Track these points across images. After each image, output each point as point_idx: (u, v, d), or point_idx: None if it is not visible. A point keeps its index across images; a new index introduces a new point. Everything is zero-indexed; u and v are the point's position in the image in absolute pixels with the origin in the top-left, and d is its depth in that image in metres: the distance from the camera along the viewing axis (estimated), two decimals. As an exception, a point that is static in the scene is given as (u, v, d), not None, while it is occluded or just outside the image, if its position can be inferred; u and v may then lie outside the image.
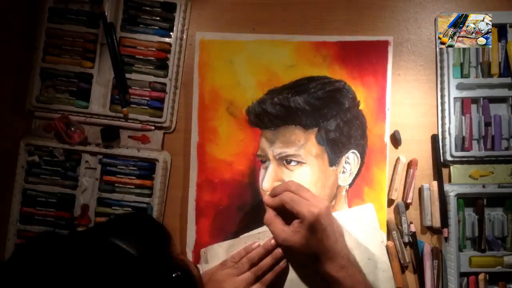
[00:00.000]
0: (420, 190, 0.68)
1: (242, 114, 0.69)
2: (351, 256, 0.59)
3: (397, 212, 0.68)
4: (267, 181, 0.67)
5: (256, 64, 0.70)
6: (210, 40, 0.70)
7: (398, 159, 0.68)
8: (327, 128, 0.68)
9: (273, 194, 0.62)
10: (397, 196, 0.68)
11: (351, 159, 0.68)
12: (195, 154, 0.69)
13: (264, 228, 0.66)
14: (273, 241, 0.62)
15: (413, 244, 0.66)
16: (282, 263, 0.62)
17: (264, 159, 0.68)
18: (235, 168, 0.69)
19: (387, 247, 0.65)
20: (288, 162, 0.67)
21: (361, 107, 0.69)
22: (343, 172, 0.68)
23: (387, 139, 0.68)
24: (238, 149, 0.69)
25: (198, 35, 0.70)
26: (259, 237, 0.65)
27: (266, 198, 0.64)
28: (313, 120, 0.68)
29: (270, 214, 0.62)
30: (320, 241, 0.57)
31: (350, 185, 0.68)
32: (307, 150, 0.67)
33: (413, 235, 0.66)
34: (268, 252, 0.62)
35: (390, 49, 0.69)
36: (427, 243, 0.67)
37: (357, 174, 0.68)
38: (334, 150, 0.68)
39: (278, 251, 0.62)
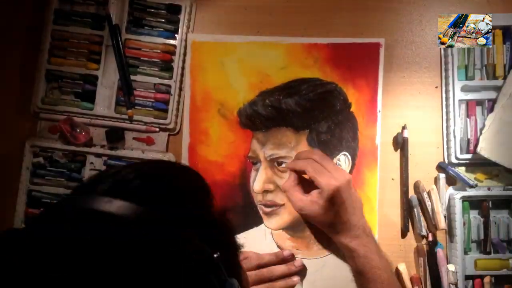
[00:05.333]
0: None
1: (234, 116, 0.69)
2: (366, 226, 0.60)
3: (410, 206, 0.67)
4: (258, 183, 0.67)
5: (247, 66, 0.69)
6: (201, 42, 0.70)
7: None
8: (319, 130, 0.67)
9: (296, 159, 0.63)
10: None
11: (342, 161, 0.68)
12: (186, 155, 0.69)
13: (251, 231, 0.67)
14: (286, 252, 0.63)
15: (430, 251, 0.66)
16: (296, 279, 0.63)
17: (255, 161, 0.68)
18: (226, 170, 0.68)
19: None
20: (279, 164, 0.67)
21: (353, 109, 0.68)
22: None
23: (378, 142, 0.68)
24: (229, 150, 0.69)
25: (190, 37, 0.70)
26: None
27: (289, 162, 0.64)
28: (305, 122, 0.67)
29: (289, 181, 0.62)
30: (337, 213, 0.58)
31: None
32: None
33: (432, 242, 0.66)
34: (279, 261, 0.63)
35: (382, 51, 0.69)
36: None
37: None
38: (325, 152, 0.67)
39: (292, 264, 0.63)
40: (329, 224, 0.59)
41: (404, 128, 0.68)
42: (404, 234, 0.68)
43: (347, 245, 0.59)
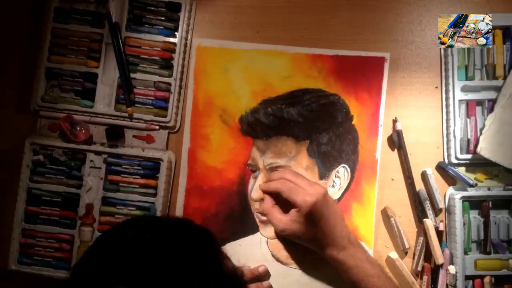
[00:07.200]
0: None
1: (235, 123, 0.69)
2: (351, 236, 0.60)
3: (419, 200, 0.67)
4: (256, 191, 0.67)
5: (251, 73, 0.69)
6: (206, 47, 0.70)
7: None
8: (319, 141, 0.67)
9: (269, 181, 0.63)
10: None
11: (341, 173, 0.68)
12: (186, 159, 0.69)
13: (246, 239, 0.67)
14: (261, 268, 0.64)
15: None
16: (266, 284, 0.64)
17: (254, 169, 0.68)
18: (225, 176, 0.68)
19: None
20: None
21: (354, 122, 0.68)
22: (333, 186, 0.67)
23: (378, 155, 0.68)
24: (229, 157, 0.68)
25: (195, 41, 0.70)
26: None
27: (262, 184, 0.65)
28: (306, 132, 0.67)
29: (267, 203, 0.62)
30: (319, 228, 0.58)
31: (339, 199, 0.68)
32: (298, 162, 0.67)
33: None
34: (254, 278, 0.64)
35: (386, 66, 0.68)
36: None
37: (346, 189, 0.68)
38: (325, 164, 0.67)
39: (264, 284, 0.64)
40: (313, 240, 0.59)
41: (395, 121, 0.68)
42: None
43: (335, 257, 0.58)
